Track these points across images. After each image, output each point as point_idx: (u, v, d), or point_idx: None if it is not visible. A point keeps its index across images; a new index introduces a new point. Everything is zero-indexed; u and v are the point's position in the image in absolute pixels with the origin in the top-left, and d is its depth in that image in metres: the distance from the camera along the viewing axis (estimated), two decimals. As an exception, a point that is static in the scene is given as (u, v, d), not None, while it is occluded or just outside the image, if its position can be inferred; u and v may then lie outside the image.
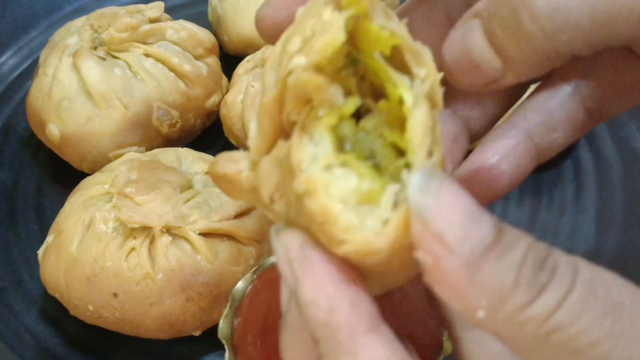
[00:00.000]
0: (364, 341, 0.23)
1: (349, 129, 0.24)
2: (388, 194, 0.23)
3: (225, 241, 0.53)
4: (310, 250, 0.24)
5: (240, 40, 0.72)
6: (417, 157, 0.23)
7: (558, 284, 0.21)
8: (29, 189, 0.66)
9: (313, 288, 0.23)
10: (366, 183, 0.23)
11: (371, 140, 0.24)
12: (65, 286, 0.52)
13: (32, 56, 0.77)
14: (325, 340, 0.23)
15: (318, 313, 0.23)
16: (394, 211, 0.22)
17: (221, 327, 0.49)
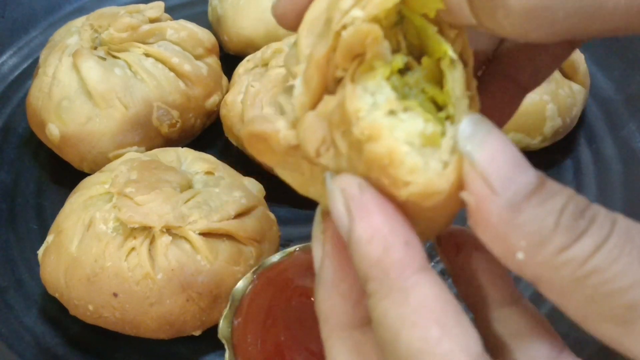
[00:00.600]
0: (415, 280, 0.23)
1: (398, 82, 0.25)
2: (448, 137, 0.24)
3: (225, 241, 0.53)
4: (368, 190, 0.24)
5: (240, 40, 0.72)
6: (459, 109, 0.24)
7: (596, 230, 0.22)
8: (29, 189, 0.66)
9: (369, 226, 0.24)
10: (430, 126, 0.24)
11: (415, 95, 0.25)
12: (65, 286, 0.52)
13: (32, 56, 0.77)
14: (377, 279, 0.24)
15: (372, 251, 0.24)
16: (452, 154, 0.24)
17: (221, 327, 0.49)
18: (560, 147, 0.66)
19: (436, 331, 0.23)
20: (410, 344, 0.23)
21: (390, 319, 0.23)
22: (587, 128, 0.69)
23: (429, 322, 0.23)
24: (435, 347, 0.22)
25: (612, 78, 0.71)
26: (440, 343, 0.23)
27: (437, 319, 0.23)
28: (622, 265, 0.21)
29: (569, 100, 0.64)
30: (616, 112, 0.69)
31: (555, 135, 0.64)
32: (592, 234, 0.22)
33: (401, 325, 0.23)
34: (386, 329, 0.24)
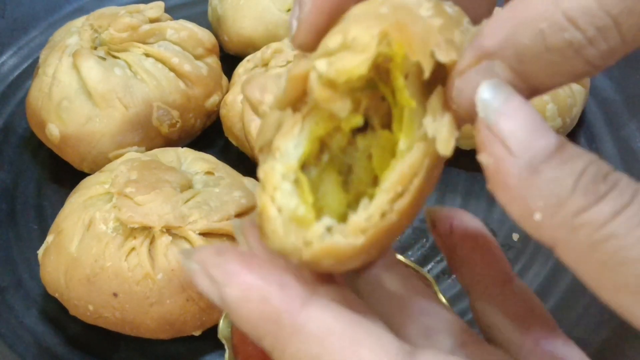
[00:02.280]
0: (306, 314, 0.23)
1: (340, 140, 0.26)
2: (319, 226, 0.24)
3: (225, 241, 0.53)
4: (227, 252, 0.24)
5: (240, 40, 0.72)
6: (378, 198, 0.24)
7: (617, 196, 0.22)
8: (29, 189, 0.66)
9: (239, 286, 0.24)
10: (302, 209, 0.25)
11: (357, 158, 0.26)
12: (65, 286, 0.52)
13: (32, 56, 0.77)
14: (269, 332, 0.24)
15: (252, 307, 0.24)
16: (319, 240, 0.24)
17: (221, 327, 0.49)
18: (560, 147, 0.66)
19: (351, 348, 0.23)
20: None
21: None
22: (587, 128, 0.69)
23: (341, 345, 0.23)
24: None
25: (612, 78, 0.71)
26: (360, 356, 0.23)
27: (347, 337, 0.23)
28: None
29: (569, 100, 0.64)
30: (616, 112, 0.69)
31: (555, 135, 0.64)
32: (612, 199, 0.22)
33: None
34: None
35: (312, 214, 0.25)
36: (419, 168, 0.24)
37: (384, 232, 0.24)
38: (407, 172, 0.24)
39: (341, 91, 0.25)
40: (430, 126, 0.24)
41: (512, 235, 0.61)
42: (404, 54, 0.24)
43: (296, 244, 0.25)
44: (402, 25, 0.24)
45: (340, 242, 0.24)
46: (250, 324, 0.24)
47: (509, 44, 0.23)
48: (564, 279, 0.58)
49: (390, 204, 0.24)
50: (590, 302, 0.55)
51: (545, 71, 0.23)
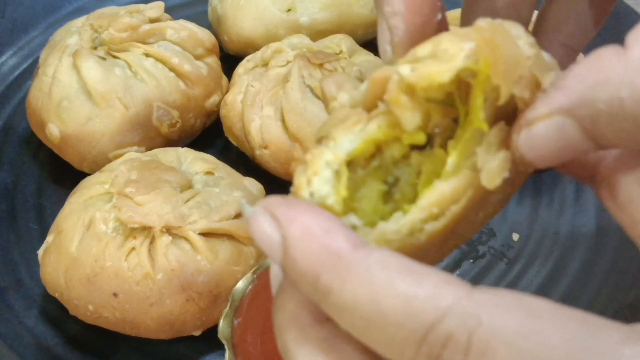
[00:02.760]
0: (365, 252, 0.23)
1: (395, 151, 0.26)
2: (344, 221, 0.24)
3: (225, 241, 0.53)
4: (291, 197, 0.25)
5: (240, 40, 0.72)
6: (411, 213, 0.24)
7: None
8: (29, 189, 0.66)
9: (303, 223, 0.23)
10: (332, 200, 0.25)
11: (407, 173, 0.26)
12: (65, 286, 0.52)
13: (32, 56, 0.76)
14: (328, 267, 0.23)
15: (314, 242, 0.23)
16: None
17: (221, 327, 0.49)
18: (560, 147, 0.66)
19: (414, 276, 0.22)
20: (399, 298, 0.22)
21: (366, 292, 0.22)
22: (587, 128, 0.69)
23: (403, 271, 0.22)
24: (426, 286, 0.22)
25: (612, 78, 0.71)
26: (425, 282, 0.22)
27: (407, 268, 0.22)
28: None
29: (569, 100, 0.64)
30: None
31: (555, 135, 0.64)
32: None
33: (380, 290, 0.22)
34: (363, 307, 0.22)
35: (340, 207, 0.25)
36: (460, 195, 0.24)
37: (407, 252, 0.24)
38: (447, 196, 0.24)
39: (417, 101, 0.25)
40: (482, 157, 0.24)
41: (512, 235, 0.61)
42: (489, 73, 0.24)
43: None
44: (495, 44, 0.24)
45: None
46: (310, 260, 0.23)
47: (584, 104, 0.23)
48: (564, 279, 0.58)
49: (422, 223, 0.24)
50: (590, 302, 0.55)
51: (618, 136, 0.23)
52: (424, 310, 0.21)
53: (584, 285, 0.57)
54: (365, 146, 0.26)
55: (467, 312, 0.21)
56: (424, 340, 0.21)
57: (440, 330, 0.21)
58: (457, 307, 0.21)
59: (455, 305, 0.21)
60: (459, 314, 0.21)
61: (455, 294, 0.21)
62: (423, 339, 0.21)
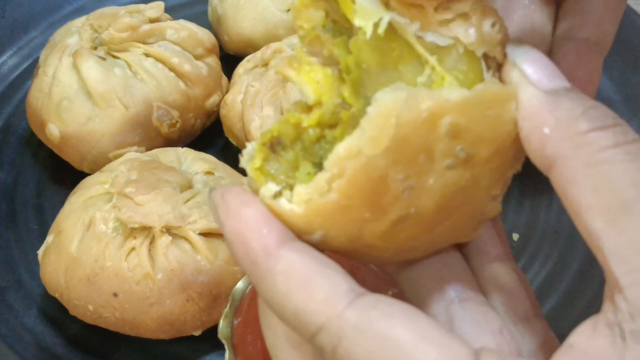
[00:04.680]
0: (276, 256, 0.25)
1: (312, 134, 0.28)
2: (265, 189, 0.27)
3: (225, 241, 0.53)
4: (229, 195, 0.27)
5: (240, 40, 0.72)
6: (318, 176, 0.26)
7: (620, 132, 0.24)
8: (29, 189, 0.66)
9: (230, 227, 0.26)
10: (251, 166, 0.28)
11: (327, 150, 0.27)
12: (65, 286, 0.52)
13: (32, 56, 0.77)
14: (251, 271, 0.26)
15: (238, 248, 0.26)
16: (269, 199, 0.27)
17: (221, 327, 0.49)
18: (560, 147, 0.66)
19: (306, 290, 0.25)
20: (292, 309, 0.25)
21: (271, 297, 0.26)
22: (587, 128, 0.69)
23: (298, 285, 0.25)
24: (310, 303, 0.25)
25: (612, 78, 0.71)
26: (313, 298, 0.25)
27: (304, 279, 0.25)
28: (635, 166, 0.23)
29: (569, 100, 0.64)
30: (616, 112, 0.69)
31: (555, 135, 0.64)
32: (616, 133, 0.24)
33: (280, 298, 0.25)
34: (273, 306, 0.26)
35: (257, 174, 0.27)
36: (355, 153, 0.25)
37: (329, 211, 0.26)
38: (342, 155, 0.25)
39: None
40: (366, 121, 0.25)
41: (512, 236, 0.61)
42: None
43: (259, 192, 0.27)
44: None
45: (284, 205, 0.26)
46: (239, 262, 0.26)
47: None
48: (564, 279, 0.58)
49: (329, 183, 0.25)
50: (590, 302, 0.55)
51: None
52: (307, 323, 0.25)
53: (584, 285, 0.57)
54: (283, 127, 0.28)
55: (332, 332, 0.24)
56: (312, 343, 0.25)
57: (316, 341, 0.25)
58: (327, 326, 0.24)
59: (327, 324, 0.24)
60: (327, 333, 0.24)
61: (330, 312, 0.24)
62: (311, 342, 0.25)
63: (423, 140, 0.25)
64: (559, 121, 0.25)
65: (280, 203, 0.26)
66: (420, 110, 0.25)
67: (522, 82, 0.26)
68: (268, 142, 0.28)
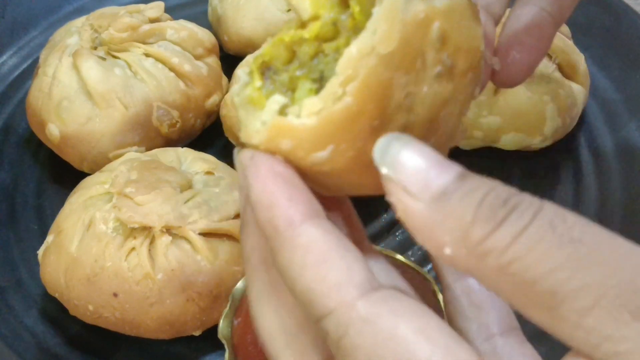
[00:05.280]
0: (300, 229, 0.25)
1: (306, 50, 0.27)
2: (271, 103, 0.26)
3: (225, 241, 0.53)
4: (259, 157, 0.27)
5: (240, 40, 0.72)
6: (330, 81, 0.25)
7: (516, 219, 0.23)
8: (29, 189, 0.66)
9: (258, 188, 0.26)
10: (249, 89, 0.27)
11: (326, 63, 0.27)
12: (65, 286, 0.52)
13: (32, 56, 0.76)
14: (271, 236, 0.26)
15: (263, 210, 0.26)
16: (274, 117, 0.26)
17: (221, 327, 0.49)
18: (560, 147, 0.66)
19: (321, 269, 0.25)
20: (303, 285, 0.25)
21: (286, 268, 0.25)
22: (587, 128, 0.69)
23: (315, 262, 0.25)
24: (322, 283, 0.24)
25: (612, 78, 0.71)
26: (326, 278, 0.24)
27: (322, 258, 0.25)
28: (542, 251, 0.22)
29: (569, 100, 0.64)
30: (616, 112, 0.69)
31: (555, 135, 0.64)
32: (511, 223, 0.22)
33: (294, 272, 0.25)
34: (286, 278, 0.26)
35: (259, 93, 0.27)
36: (367, 52, 0.25)
37: (343, 118, 0.25)
38: (355, 55, 0.25)
39: None
40: (374, 21, 0.25)
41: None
42: None
43: (256, 126, 0.27)
44: None
45: (293, 121, 0.26)
46: (261, 224, 0.26)
47: None
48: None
49: (342, 86, 0.25)
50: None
51: None
52: (317, 304, 0.24)
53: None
54: (275, 49, 0.28)
55: (340, 321, 0.24)
56: (317, 323, 0.25)
57: (323, 325, 0.24)
58: (336, 313, 0.24)
59: (336, 311, 0.24)
60: (335, 319, 0.24)
61: (342, 299, 0.24)
62: (317, 323, 0.25)
63: (420, 43, 0.26)
64: (454, 239, 0.23)
65: (288, 119, 0.26)
66: (418, 11, 0.25)
67: (402, 197, 0.24)
68: (259, 68, 0.28)
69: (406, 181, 0.24)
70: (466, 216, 0.23)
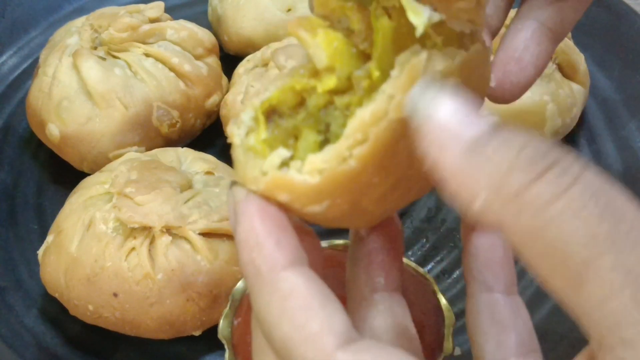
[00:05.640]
0: (284, 274, 0.25)
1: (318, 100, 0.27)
2: (274, 156, 0.26)
3: (225, 241, 0.53)
4: (252, 197, 0.26)
5: (240, 40, 0.72)
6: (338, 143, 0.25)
7: (558, 175, 0.21)
8: (29, 189, 0.66)
9: (246, 228, 0.26)
10: (252, 140, 0.27)
11: (335, 117, 0.27)
12: (65, 286, 0.52)
13: (32, 56, 0.76)
14: (251, 276, 0.25)
15: (247, 250, 0.25)
16: (275, 170, 0.26)
17: (221, 327, 0.49)
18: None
19: (302, 316, 0.24)
20: (282, 332, 0.24)
21: (264, 312, 0.25)
22: (587, 128, 0.69)
23: (295, 309, 0.24)
24: (302, 330, 0.24)
25: (612, 78, 0.71)
26: (306, 327, 0.24)
27: (303, 305, 0.24)
28: (582, 220, 0.20)
29: (569, 100, 0.64)
30: (616, 112, 0.69)
31: (555, 135, 0.64)
32: (553, 179, 0.21)
33: (272, 317, 0.24)
34: (263, 322, 0.25)
35: (263, 146, 0.27)
36: (380, 118, 0.25)
37: (345, 179, 0.25)
38: (368, 120, 0.25)
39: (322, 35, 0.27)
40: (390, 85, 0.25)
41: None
42: None
43: (255, 174, 0.26)
44: None
45: (295, 176, 0.25)
46: (242, 263, 0.26)
47: None
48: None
49: (350, 149, 0.25)
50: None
51: None
52: (294, 353, 0.24)
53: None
54: (283, 94, 0.27)
55: None
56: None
57: None
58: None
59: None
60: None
61: (321, 349, 0.23)
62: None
63: None
64: (491, 185, 0.21)
65: (290, 174, 0.26)
66: (436, 71, 0.25)
67: (438, 138, 0.23)
68: (264, 112, 0.28)
69: (441, 126, 0.22)
70: (505, 162, 0.21)
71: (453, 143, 0.22)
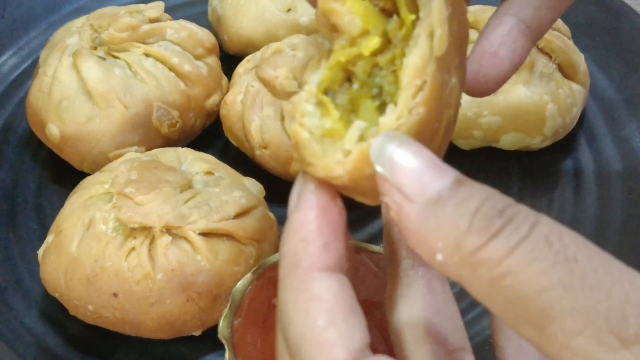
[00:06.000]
0: (319, 275, 0.25)
1: (364, 66, 0.27)
2: (353, 131, 0.26)
3: (225, 241, 0.53)
4: (321, 191, 0.26)
5: (240, 40, 0.72)
6: (401, 96, 0.26)
7: (512, 230, 0.22)
8: (29, 189, 0.66)
9: (303, 218, 0.26)
10: (328, 122, 0.27)
11: (383, 76, 0.27)
12: (65, 286, 0.52)
13: (32, 56, 0.76)
14: (288, 265, 0.26)
15: (295, 239, 0.26)
16: (356, 144, 0.26)
17: (221, 327, 0.49)
18: (560, 147, 0.66)
19: (323, 321, 0.24)
20: (298, 329, 0.24)
21: (287, 304, 0.25)
22: (587, 128, 0.69)
23: (319, 312, 0.24)
24: (319, 335, 0.24)
25: (612, 78, 0.71)
26: (324, 332, 0.24)
27: (328, 311, 0.24)
28: (537, 268, 0.21)
29: (569, 100, 0.64)
30: (616, 112, 0.69)
31: (555, 135, 0.64)
32: (507, 235, 0.22)
33: (295, 312, 0.25)
34: (283, 313, 0.25)
35: (340, 124, 0.27)
36: (429, 58, 0.25)
37: (417, 130, 0.25)
38: (420, 64, 0.25)
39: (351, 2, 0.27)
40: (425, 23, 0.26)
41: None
42: None
43: (337, 158, 0.26)
44: None
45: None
46: (285, 247, 0.26)
47: None
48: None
49: (414, 97, 0.25)
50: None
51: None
52: (304, 353, 0.24)
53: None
54: (333, 73, 0.28)
55: None
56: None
57: None
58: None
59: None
60: None
61: (332, 358, 0.24)
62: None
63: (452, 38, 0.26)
64: (447, 245, 0.22)
65: (369, 142, 0.25)
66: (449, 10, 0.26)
67: (397, 199, 0.23)
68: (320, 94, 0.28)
69: (401, 182, 0.23)
70: (461, 224, 0.22)
71: (414, 199, 0.23)
